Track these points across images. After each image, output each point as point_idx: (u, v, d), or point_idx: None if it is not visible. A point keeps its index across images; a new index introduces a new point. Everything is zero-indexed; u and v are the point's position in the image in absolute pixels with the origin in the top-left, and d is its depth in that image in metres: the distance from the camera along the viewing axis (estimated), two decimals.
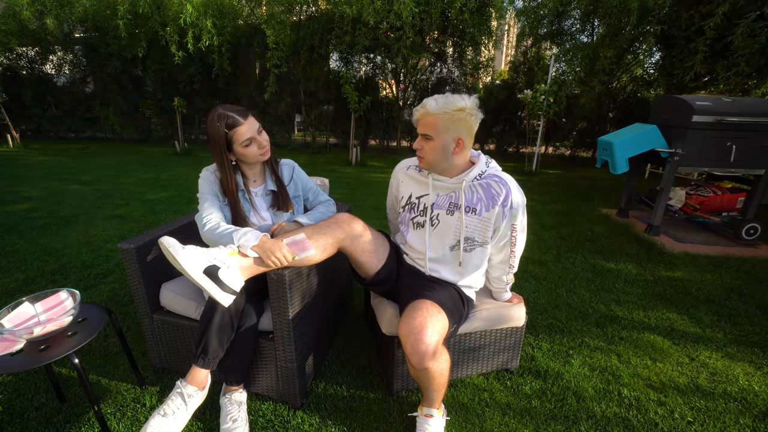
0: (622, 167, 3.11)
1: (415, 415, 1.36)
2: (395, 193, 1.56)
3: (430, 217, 1.40)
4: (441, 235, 1.40)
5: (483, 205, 1.33)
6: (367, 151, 8.29)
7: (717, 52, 4.76)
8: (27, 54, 8.30)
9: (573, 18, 6.57)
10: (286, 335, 1.31)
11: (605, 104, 7.05)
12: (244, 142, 1.34)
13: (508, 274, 1.51)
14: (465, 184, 1.33)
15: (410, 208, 1.46)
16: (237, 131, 1.32)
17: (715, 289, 2.42)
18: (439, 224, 1.39)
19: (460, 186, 1.34)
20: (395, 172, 1.55)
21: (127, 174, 5.48)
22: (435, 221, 1.40)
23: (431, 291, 1.31)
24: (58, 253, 2.72)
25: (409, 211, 1.46)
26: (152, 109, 8.31)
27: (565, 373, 1.65)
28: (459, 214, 1.34)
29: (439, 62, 7.79)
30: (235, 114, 1.32)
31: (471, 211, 1.35)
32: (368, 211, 3.84)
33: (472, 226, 1.35)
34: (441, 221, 1.39)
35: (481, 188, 1.34)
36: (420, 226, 1.43)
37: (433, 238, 1.41)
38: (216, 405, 1.40)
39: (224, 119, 1.31)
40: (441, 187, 1.38)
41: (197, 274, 1.11)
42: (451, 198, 1.37)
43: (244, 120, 1.33)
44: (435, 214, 1.39)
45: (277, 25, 6.50)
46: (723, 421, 1.42)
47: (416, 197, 1.44)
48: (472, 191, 1.34)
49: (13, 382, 1.53)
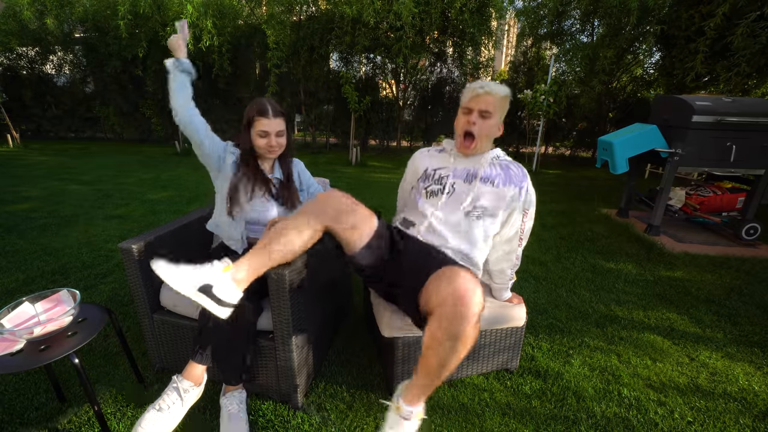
0: (622, 167, 3.11)
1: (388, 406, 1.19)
2: (413, 171, 1.60)
3: (445, 185, 1.44)
4: (456, 201, 1.42)
5: (501, 180, 1.42)
6: (367, 151, 8.29)
7: (717, 52, 4.76)
8: (27, 54, 8.29)
9: (573, 18, 6.58)
10: (286, 335, 1.31)
11: (605, 104, 7.05)
12: (260, 132, 1.47)
13: (512, 269, 1.54)
14: (486, 159, 1.44)
15: (425, 177, 1.50)
16: (260, 120, 1.46)
17: (715, 289, 2.42)
18: (455, 192, 1.43)
19: (479, 161, 1.44)
20: (414, 156, 1.63)
21: (127, 174, 5.48)
22: (450, 189, 1.44)
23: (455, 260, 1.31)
24: (58, 253, 2.72)
25: (423, 180, 1.50)
26: (152, 109, 8.30)
27: (565, 373, 1.65)
28: (476, 182, 1.41)
29: (439, 62, 7.79)
30: (269, 107, 1.47)
31: (489, 182, 1.41)
32: None
33: (487, 194, 1.40)
34: (456, 189, 1.43)
35: (500, 167, 1.45)
36: (434, 194, 1.45)
37: (447, 203, 1.43)
38: (216, 405, 1.40)
39: (259, 105, 1.47)
40: (461, 161, 1.47)
41: (192, 293, 1.11)
42: (468, 170, 1.44)
43: (273, 117, 1.47)
44: (452, 183, 1.44)
45: (277, 25, 6.50)
46: (723, 421, 1.42)
47: (433, 169, 1.50)
48: (492, 167, 1.44)
49: (13, 382, 1.53)
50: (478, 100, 1.37)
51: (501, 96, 1.38)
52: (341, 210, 1.23)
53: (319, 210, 1.22)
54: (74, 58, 8.43)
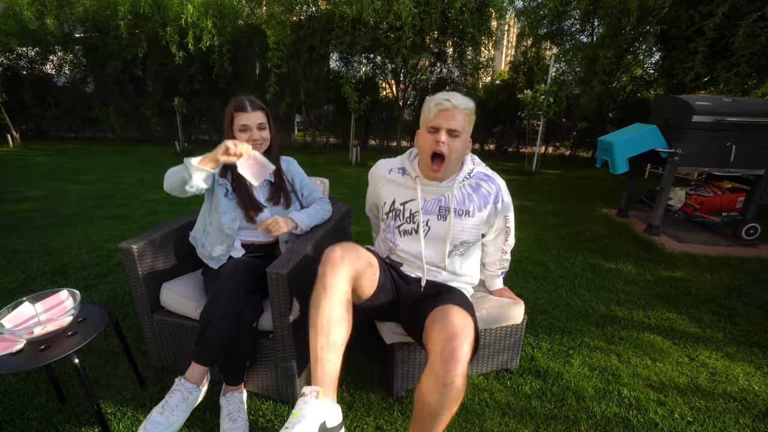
0: (622, 167, 3.11)
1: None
2: (374, 197, 1.50)
3: (420, 224, 1.33)
4: (435, 241, 1.35)
5: (475, 206, 1.33)
6: (367, 151, 8.29)
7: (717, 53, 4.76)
8: (27, 54, 8.30)
9: (573, 18, 6.58)
10: (286, 335, 1.31)
11: (605, 104, 7.05)
12: (240, 126, 1.45)
13: (501, 260, 1.56)
14: (456, 185, 1.31)
15: (395, 215, 1.37)
16: (239, 115, 1.45)
17: (715, 289, 2.42)
18: (430, 230, 1.34)
19: (449, 188, 1.31)
20: (374, 176, 1.47)
21: (127, 174, 5.48)
22: (426, 228, 1.34)
23: (452, 297, 1.26)
24: (58, 253, 2.72)
25: (393, 218, 1.38)
26: (152, 109, 8.30)
27: (565, 373, 1.65)
28: (450, 218, 1.31)
29: (439, 62, 7.79)
30: (247, 102, 1.46)
31: (464, 213, 1.32)
32: None
33: (465, 228, 1.34)
34: (432, 227, 1.34)
35: (470, 188, 1.34)
36: (408, 234, 1.36)
37: (427, 242, 1.35)
38: (216, 405, 1.40)
39: (236, 101, 1.46)
40: (429, 191, 1.33)
41: None
42: (440, 202, 1.32)
43: (251, 110, 1.45)
44: (425, 220, 1.33)
45: (278, 26, 6.51)
46: (723, 421, 1.42)
47: (400, 203, 1.37)
48: (462, 193, 1.33)
49: (13, 382, 1.53)
50: (446, 115, 1.20)
51: (469, 111, 1.24)
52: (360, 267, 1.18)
53: (341, 272, 1.12)
54: (74, 58, 8.44)
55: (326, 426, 0.97)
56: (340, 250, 1.15)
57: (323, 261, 1.15)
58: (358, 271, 1.16)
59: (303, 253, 1.36)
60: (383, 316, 1.42)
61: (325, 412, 0.98)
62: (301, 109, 8.13)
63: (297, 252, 1.36)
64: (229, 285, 1.29)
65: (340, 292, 1.10)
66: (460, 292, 1.37)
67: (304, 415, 0.95)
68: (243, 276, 1.33)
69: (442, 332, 1.05)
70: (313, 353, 1.06)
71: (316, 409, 0.96)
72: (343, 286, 1.11)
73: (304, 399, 0.98)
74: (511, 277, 2.51)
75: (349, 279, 1.13)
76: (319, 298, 1.10)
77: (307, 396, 0.99)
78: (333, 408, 1.01)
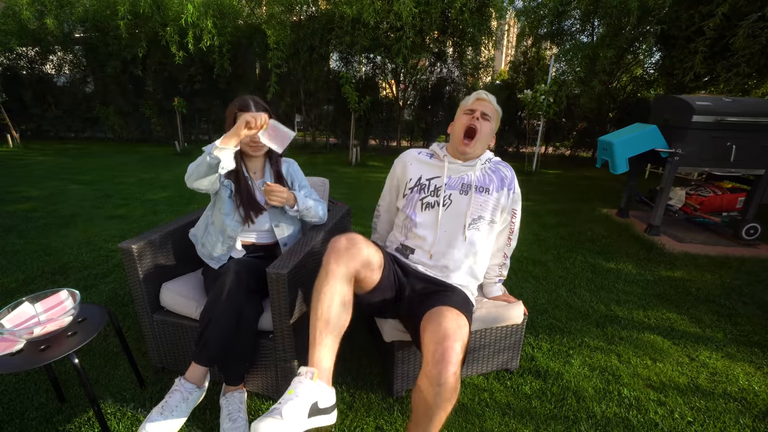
0: (622, 167, 3.11)
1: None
2: (400, 176, 1.56)
3: (442, 197, 1.43)
4: (454, 215, 1.42)
5: (494, 186, 1.46)
6: (367, 151, 8.29)
7: (717, 53, 4.77)
8: (27, 54, 8.30)
9: (573, 18, 6.58)
10: (286, 335, 1.31)
11: (605, 104, 7.05)
12: None
13: (500, 266, 1.59)
14: (479, 165, 1.45)
15: (419, 188, 1.47)
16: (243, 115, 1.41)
17: (715, 289, 2.42)
18: (452, 204, 1.43)
19: (472, 168, 1.45)
20: (402, 157, 1.58)
21: (127, 174, 5.48)
22: (447, 201, 1.43)
23: (448, 297, 1.30)
24: (58, 253, 2.72)
25: (418, 191, 1.47)
26: (152, 109, 8.31)
27: (565, 373, 1.65)
28: (471, 192, 1.43)
29: (439, 62, 7.80)
30: (251, 102, 1.45)
31: (484, 190, 1.44)
32: (368, 211, 3.84)
33: (484, 204, 1.44)
34: (453, 201, 1.43)
35: (491, 172, 1.48)
36: (430, 206, 1.44)
37: (444, 218, 1.42)
38: (216, 405, 1.40)
39: (240, 101, 1.45)
40: (454, 170, 1.46)
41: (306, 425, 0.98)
42: (463, 179, 1.45)
43: (255, 110, 1.44)
44: (447, 194, 1.43)
45: (278, 26, 6.51)
46: (723, 421, 1.42)
47: (426, 179, 1.48)
48: (484, 174, 1.47)
49: (13, 382, 1.53)
50: (482, 103, 1.43)
51: (499, 111, 1.48)
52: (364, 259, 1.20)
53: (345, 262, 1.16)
54: (74, 58, 8.44)
55: (318, 406, 1.00)
56: (346, 240, 1.19)
57: (328, 250, 1.19)
58: (361, 262, 1.19)
59: (303, 253, 1.36)
60: (384, 310, 1.44)
61: (318, 392, 1.01)
62: (301, 109, 8.13)
63: (297, 252, 1.36)
64: (229, 285, 1.29)
65: (342, 281, 1.14)
66: (459, 292, 1.38)
67: (297, 393, 0.98)
68: (243, 276, 1.33)
69: (434, 334, 1.10)
70: (312, 336, 1.10)
71: (309, 389, 1.00)
72: (346, 276, 1.15)
73: (299, 378, 1.02)
74: (511, 278, 2.51)
75: (352, 269, 1.16)
76: (322, 285, 1.14)
77: (302, 376, 1.02)
78: (326, 390, 1.03)
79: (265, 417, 0.93)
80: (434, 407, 1.04)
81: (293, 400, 0.97)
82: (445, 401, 1.04)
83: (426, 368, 1.06)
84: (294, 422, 0.94)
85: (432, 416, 1.06)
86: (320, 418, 1.01)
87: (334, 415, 1.06)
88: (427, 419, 1.07)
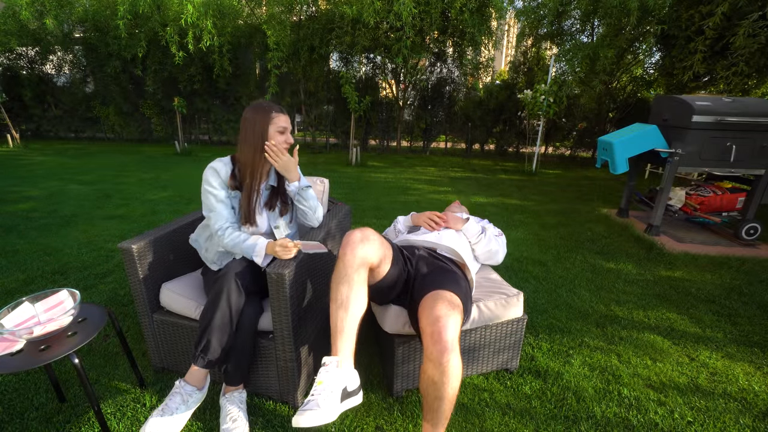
0: (622, 167, 3.11)
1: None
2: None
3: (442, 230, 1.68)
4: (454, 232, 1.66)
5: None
6: (367, 151, 8.29)
7: (717, 52, 4.77)
8: (27, 54, 8.30)
9: (573, 18, 6.58)
10: (286, 335, 1.31)
11: (605, 104, 7.05)
12: (280, 128, 1.46)
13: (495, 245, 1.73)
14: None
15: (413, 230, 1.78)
16: (279, 117, 1.46)
17: (715, 289, 2.42)
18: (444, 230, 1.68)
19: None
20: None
21: (127, 174, 5.48)
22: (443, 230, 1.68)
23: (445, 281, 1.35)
24: (58, 253, 2.72)
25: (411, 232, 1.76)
26: (152, 109, 8.31)
27: (565, 373, 1.65)
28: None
29: (439, 62, 7.80)
30: (277, 106, 1.49)
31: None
32: (368, 211, 3.84)
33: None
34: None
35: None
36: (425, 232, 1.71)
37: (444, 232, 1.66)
38: (216, 405, 1.40)
39: (268, 105, 1.46)
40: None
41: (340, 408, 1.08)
42: None
43: (284, 113, 1.49)
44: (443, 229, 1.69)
45: (278, 26, 6.51)
46: (723, 421, 1.42)
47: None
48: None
49: (13, 382, 1.53)
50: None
51: None
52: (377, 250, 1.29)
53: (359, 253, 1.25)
54: (74, 58, 8.44)
55: (347, 390, 1.11)
56: (360, 233, 1.29)
57: (344, 243, 1.28)
58: (374, 253, 1.28)
59: (303, 254, 1.36)
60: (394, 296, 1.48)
61: (345, 378, 1.12)
62: (301, 109, 8.13)
63: (297, 253, 1.36)
64: (228, 286, 1.29)
65: (358, 271, 1.23)
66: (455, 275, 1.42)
67: (327, 383, 1.08)
68: (243, 276, 1.33)
69: (429, 317, 1.17)
70: (333, 325, 1.19)
71: (336, 376, 1.10)
72: (361, 265, 1.24)
73: (325, 368, 1.12)
74: (511, 278, 2.51)
75: (366, 259, 1.25)
76: (340, 275, 1.23)
77: (328, 365, 1.12)
78: (352, 374, 1.15)
79: (303, 410, 1.01)
80: (441, 386, 1.09)
81: (326, 390, 1.07)
82: (453, 378, 1.09)
83: (427, 351, 1.13)
84: (330, 409, 1.03)
85: (442, 398, 1.10)
86: (351, 400, 1.12)
87: (361, 395, 1.16)
88: (439, 401, 1.11)
